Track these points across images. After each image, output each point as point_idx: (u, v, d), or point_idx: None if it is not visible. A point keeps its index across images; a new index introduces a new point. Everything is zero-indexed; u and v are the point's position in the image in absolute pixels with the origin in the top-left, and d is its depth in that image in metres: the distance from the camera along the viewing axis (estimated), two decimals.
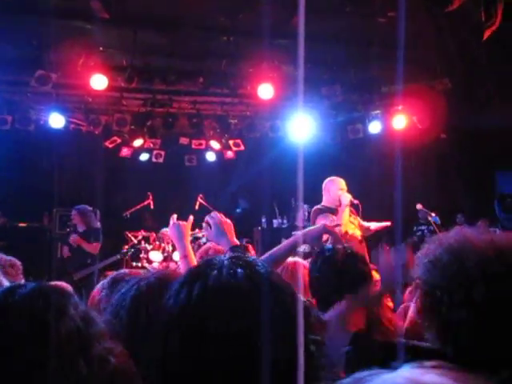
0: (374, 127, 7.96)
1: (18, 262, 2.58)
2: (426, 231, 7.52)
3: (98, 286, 2.44)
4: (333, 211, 4.74)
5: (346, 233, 4.55)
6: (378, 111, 8.00)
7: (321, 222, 4.45)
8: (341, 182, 4.96)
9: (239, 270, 0.84)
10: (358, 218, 5.00)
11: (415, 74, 6.72)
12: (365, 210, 8.45)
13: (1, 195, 8.27)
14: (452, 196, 7.76)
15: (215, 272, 0.84)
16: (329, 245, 2.13)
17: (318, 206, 4.91)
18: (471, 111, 7.14)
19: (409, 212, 6.74)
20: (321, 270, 1.97)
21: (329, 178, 5.10)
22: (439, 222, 5.81)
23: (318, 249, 2.07)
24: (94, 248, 6.17)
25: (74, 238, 6.13)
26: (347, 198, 4.73)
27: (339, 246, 2.05)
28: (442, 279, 1.09)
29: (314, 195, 7.77)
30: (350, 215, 4.86)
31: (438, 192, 7.43)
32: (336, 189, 4.87)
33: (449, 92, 7.03)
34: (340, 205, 4.71)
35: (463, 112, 7.21)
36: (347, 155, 8.86)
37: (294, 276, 3.25)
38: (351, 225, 4.83)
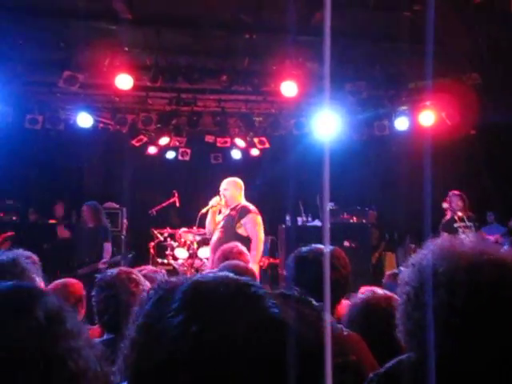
0: (401, 123, 7.81)
1: (37, 258, 2.64)
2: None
3: None
4: None
5: None
6: (404, 107, 7.84)
7: None
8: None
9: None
10: None
11: (443, 69, 6.55)
12: (391, 208, 8.35)
13: (32, 192, 8.52)
14: (482, 194, 7.54)
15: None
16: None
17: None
18: (502, 106, 6.91)
19: (437, 210, 6.60)
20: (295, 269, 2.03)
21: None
22: (467, 219, 5.65)
23: None
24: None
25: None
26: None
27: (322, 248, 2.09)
28: (426, 281, 1.12)
29: (339, 193, 7.73)
30: None
31: (468, 190, 7.22)
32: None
33: (479, 87, 6.83)
34: None
35: (494, 107, 6.98)
36: (373, 152, 8.73)
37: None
38: None
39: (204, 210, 5.24)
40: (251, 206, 5.06)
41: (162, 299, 0.73)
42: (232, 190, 5.12)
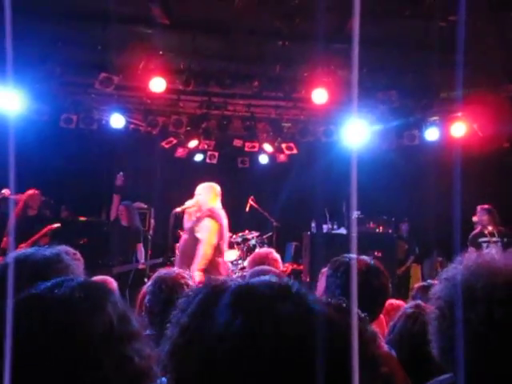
0: (432, 134, 7.72)
1: (79, 255, 2.72)
2: (483, 244, 7.21)
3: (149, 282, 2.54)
4: None
5: None
6: (435, 117, 7.75)
7: None
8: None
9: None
10: None
11: (477, 80, 6.46)
12: (421, 220, 8.24)
13: (65, 190, 8.74)
14: None
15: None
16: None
17: None
18: None
19: (467, 223, 6.49)
20: (341, 278, 1.98)
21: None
22: (497, 234, 5.55)
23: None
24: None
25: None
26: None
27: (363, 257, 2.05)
28: (461, 296, 1.11)
29: (366, 202, 7.66)
30: None
31: (500, 203, 7.08)
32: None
33: None
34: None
35: None
36: (402, 162, 8.64)
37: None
38: None
39: (178, 209, 5.26)
40: (215, 211, 5.03)
41: (208, 300, 0.75)
42: (205, 194, 5.17)
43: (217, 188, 5.27)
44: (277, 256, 3.63)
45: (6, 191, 5.55)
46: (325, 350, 0.67)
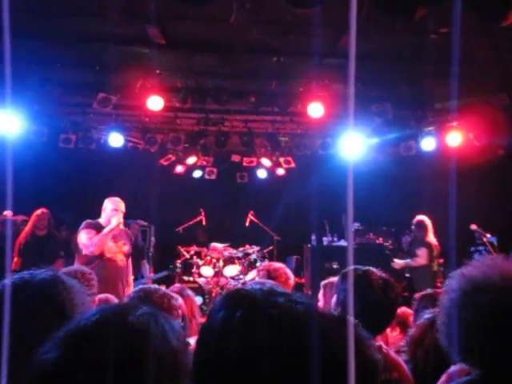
0: (428, 144, 7.78)
1: (90, 273, 2.74)
2: (483, 252, 7.23)
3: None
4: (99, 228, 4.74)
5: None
6: (431, 128, 7.82)
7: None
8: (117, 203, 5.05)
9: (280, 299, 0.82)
10: None
11: (471, 90, 6.55)
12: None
13: (65, 210, 8.76)
14: (511, 216, 7.41)
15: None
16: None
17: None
18: None
19: (465, 232, 6.52)
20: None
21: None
22: (496, 242, 5.57)
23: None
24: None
25: None
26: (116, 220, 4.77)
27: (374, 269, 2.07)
28: (471, 294, 1.23)
29: (365, 213, 7.70)
30: None
31: (497, 212, 7.12)
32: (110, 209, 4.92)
33: (507, 107, 6.79)
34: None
35: None
36: (399, 173, 8.70)
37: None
38: None
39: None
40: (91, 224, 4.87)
41: (213, 308, 0.84)
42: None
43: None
44: (288, 272, 3.66)
45: (8, 213, 5.58)
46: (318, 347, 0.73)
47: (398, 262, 6.65)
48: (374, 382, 0.77)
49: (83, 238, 4.63)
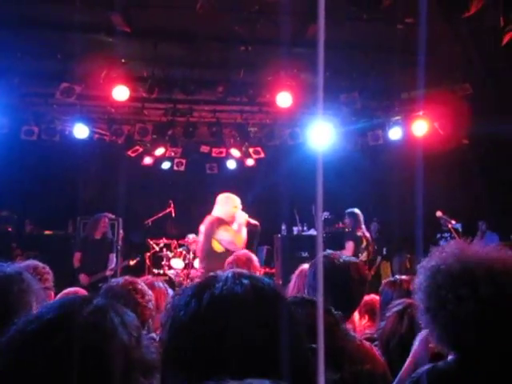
0: (395, 133, 7.90)
1: (48, 269, 2.68)
2: (449, 239, 7.42)
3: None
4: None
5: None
6: (398, 117, 7.94)
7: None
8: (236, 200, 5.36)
9: (245, 281, 0.89)
10: None
11: (435, 80, 6.66)
12: (385, 218, 8.40)
13: (28, 203, 8.51)
14: (475, 203, 7.63)
15: (221, 283, 0.89)
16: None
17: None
18: (494, 116, 7.02)
19: (432, 220, 6.67)
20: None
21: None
22: (460, 229, 5.72)
23: None
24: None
25: None
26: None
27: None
28: (446, 280, 1.26)
29: (334, 202, 7.78)
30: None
31: (461, 199, 7.31)
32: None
33: (470, 97, 6.94)
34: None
35: (485, 117, 7.10)
36: (367, 162, 8.81)
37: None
38: None
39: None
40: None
41: (179, 297, 0.89)
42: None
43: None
44: (252, 256, 3.68)
45: None
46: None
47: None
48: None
49: (226, 234, 4.92)
